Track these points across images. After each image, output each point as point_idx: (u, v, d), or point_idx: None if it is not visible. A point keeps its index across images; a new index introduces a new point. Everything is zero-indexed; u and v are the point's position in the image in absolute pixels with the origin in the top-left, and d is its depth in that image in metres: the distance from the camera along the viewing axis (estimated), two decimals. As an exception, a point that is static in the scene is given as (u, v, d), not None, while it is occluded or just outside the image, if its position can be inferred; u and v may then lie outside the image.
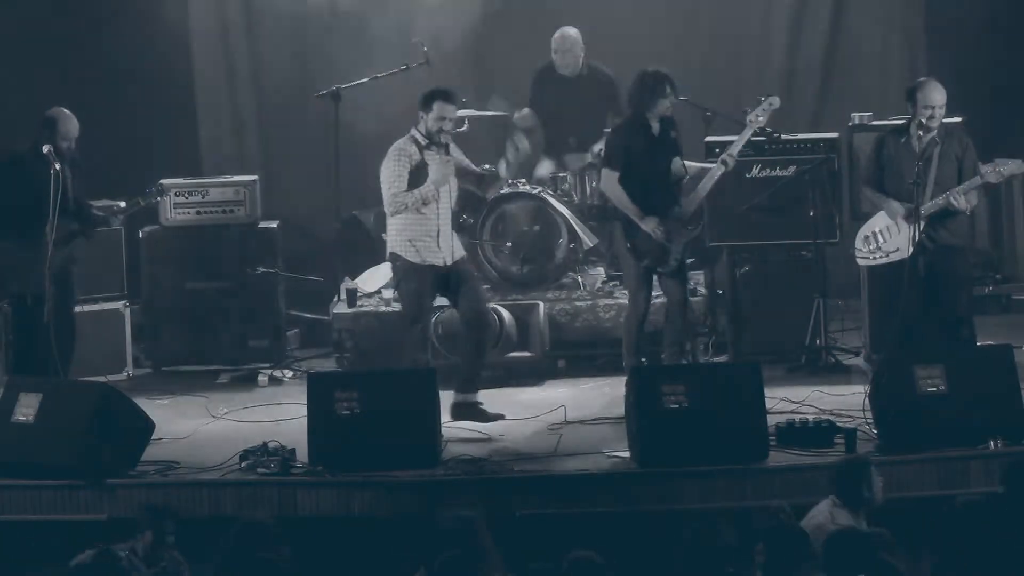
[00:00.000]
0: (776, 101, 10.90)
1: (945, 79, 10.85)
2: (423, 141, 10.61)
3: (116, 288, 12.33)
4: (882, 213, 10.84)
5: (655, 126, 10.80)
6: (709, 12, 13.79)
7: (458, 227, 12.40)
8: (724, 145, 11.06)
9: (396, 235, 10.65)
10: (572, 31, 12.89)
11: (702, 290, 12.17)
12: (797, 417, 10.19)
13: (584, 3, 13.56)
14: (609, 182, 10.84)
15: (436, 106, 10.58)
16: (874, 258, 10.91)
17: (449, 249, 10.66)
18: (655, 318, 11.38)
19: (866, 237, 10.95)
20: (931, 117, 10.61)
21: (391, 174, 10.58)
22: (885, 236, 10.83)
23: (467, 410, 10.54)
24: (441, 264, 10.61)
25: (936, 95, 10.62)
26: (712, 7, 13.79)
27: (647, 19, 13.62)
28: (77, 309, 11.77)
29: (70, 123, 10.97)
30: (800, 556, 7.40)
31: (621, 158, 10.83)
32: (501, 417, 10.55)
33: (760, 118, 10.84)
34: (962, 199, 10.59)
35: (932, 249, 10.67)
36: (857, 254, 11.09)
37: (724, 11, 13.80)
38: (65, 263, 11.04)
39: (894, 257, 10.73)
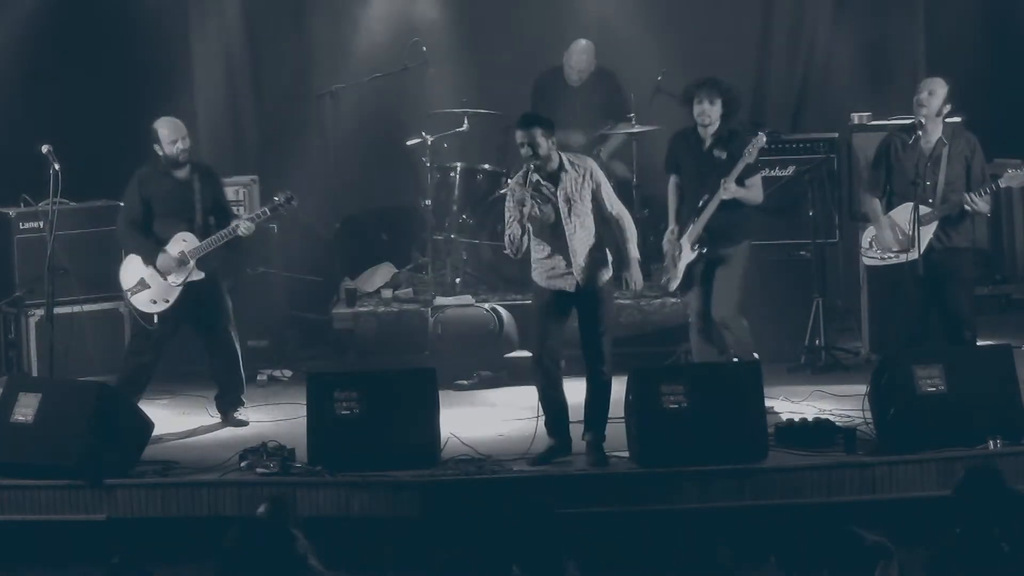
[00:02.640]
0: (763, 138, 10.59)
1: (945, 79, 10.86)
2: (527, 175, 9.80)
3: (116, 288, 12.31)
4: (890, 213, 10.80)
5: (707, 139, 10.57)
6: (709, 13, 13.79)
7: (458, 227, 12.44)
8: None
9: None
10: (589, 45, 12.87)
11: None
12: (797, 417, 10.19)
13: (584, 5, 13.56)
14: (669, 185, 10.80)
15: (516, 135, 9.83)
16: (883, 259, 10.88)
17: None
18: (656, 318, 11.39)
19: (874, 237, 10.92)
20: (919, 105, 10.62)
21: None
22: (886, 246, 10.79)
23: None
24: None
25: (921, 85, 10.69)
26: (713, 8, 13.79)
27: (648, 20, 13.62)
28: (77, 309, 11.80)
29: (167, 129, 10.92)
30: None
31: (670, 164, 10.77)
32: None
33: (752, 154, 10.50)
34: (980, 203, 10.57)
35: (939, 250, 10.66)
36: (864, 255, 11.06)
37: (724, 12, 13.80)
38: (211, 279, 11.02)
39: (903, 258, 10.69)
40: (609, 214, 9.91)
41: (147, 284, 10.95)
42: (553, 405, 9.98)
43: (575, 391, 10.98)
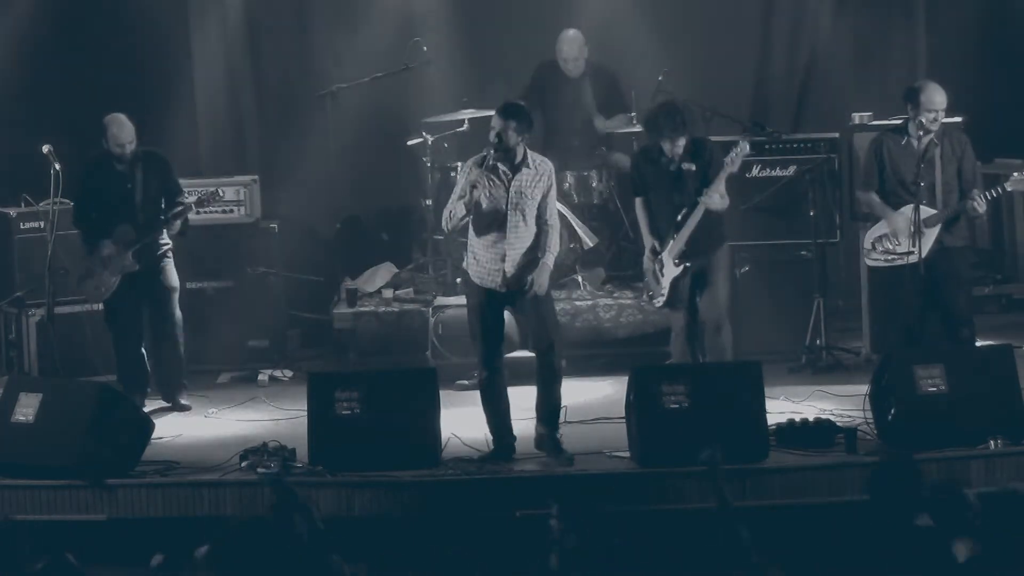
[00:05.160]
0: (746, 147, 10.70)
1: (945, 79, 10.86)
2: (485, 159, 10.00)
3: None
4: (892, 215, 10.79)
5: (673, 155, 10.52)
6: (710, 12, 13.78)
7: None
8: (724, 148, 11.03)
9: None
10: (577, 34, 12.85)
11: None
12: (797, 417, 10.19)
13: (585, 4, 13.55)
14: (636, 206, 10.80)
15: (493, 119, 10.04)
16: (887, 260, 10.87)
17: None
18: (655, 318, 11.37)
19: (878, 239, 10.91)
20: (934, 120, 10.60)
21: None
22: (898, 238, 10.80)
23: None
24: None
25: (938, 98, 10.61)
26: (713, 7, 13.79)
27: (648, 17, 13.60)
28: (77, 309, 11.80)
29: (114, 128, 11.18)
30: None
31: (636, 183, 10.78)
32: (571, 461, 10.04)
33: (735, 163, 10.56)
34: (983, 204, 10.58)
35: (937, 249, 10.67)
36: (868, 256, 11.05)
37: (725, 11, 13.79)
38: (154, 270, 11.26)
39: (908, 259, 10.68)
40: (542, 220, 9.95)
41: (90, 274, 11.21)
42: (492, 409, 10.06)
43: (575, 391, 11.01)
